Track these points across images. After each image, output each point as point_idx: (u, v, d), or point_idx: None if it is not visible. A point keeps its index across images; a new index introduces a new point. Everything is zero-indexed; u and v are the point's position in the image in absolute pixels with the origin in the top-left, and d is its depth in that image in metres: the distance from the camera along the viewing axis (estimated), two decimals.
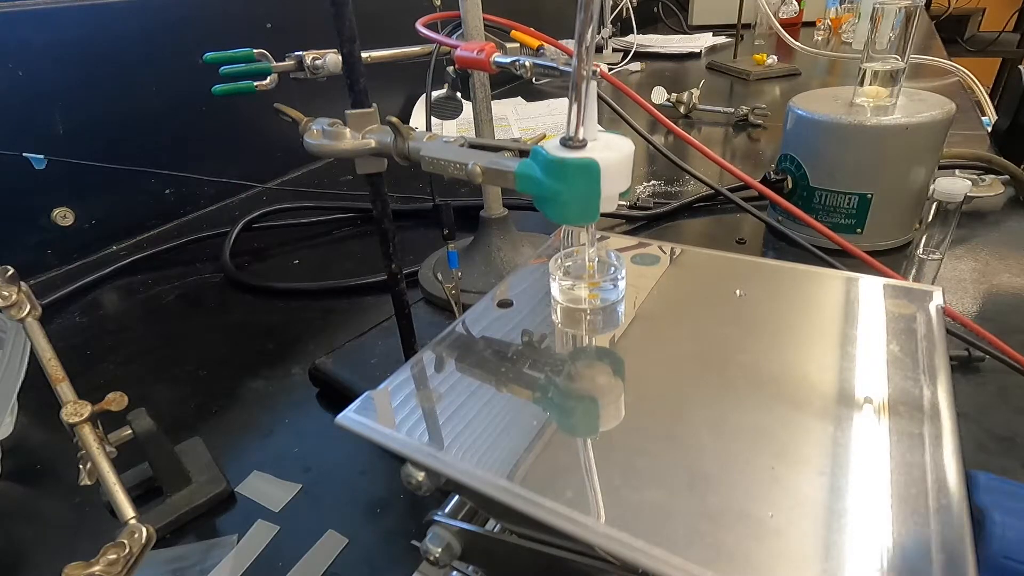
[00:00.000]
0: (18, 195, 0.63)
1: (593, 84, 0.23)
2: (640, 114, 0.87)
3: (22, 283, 0.34)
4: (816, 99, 0.57)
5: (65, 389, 0.32)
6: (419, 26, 0.38)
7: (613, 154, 0.23)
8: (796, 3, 1.63)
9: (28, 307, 0.34)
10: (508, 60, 0.27)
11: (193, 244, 0.70)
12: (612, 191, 0.24)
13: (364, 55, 0.33)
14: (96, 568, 0.24)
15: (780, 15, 1.51)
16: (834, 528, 0.17)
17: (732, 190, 0.67)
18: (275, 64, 0.40)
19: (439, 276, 0.39)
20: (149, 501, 0.36)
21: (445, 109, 0.49)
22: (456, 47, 0.31)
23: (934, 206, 0.41)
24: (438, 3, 0.43)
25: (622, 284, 0.29)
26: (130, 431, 0.34)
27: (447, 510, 0.25)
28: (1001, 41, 2.47)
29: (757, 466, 0.19)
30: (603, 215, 0.25)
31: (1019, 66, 0.79)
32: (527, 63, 0.26)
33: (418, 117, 1.06)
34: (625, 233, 0.65)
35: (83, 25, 0.65)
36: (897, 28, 0.51)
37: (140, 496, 0.36)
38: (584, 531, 0.17)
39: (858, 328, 0.26)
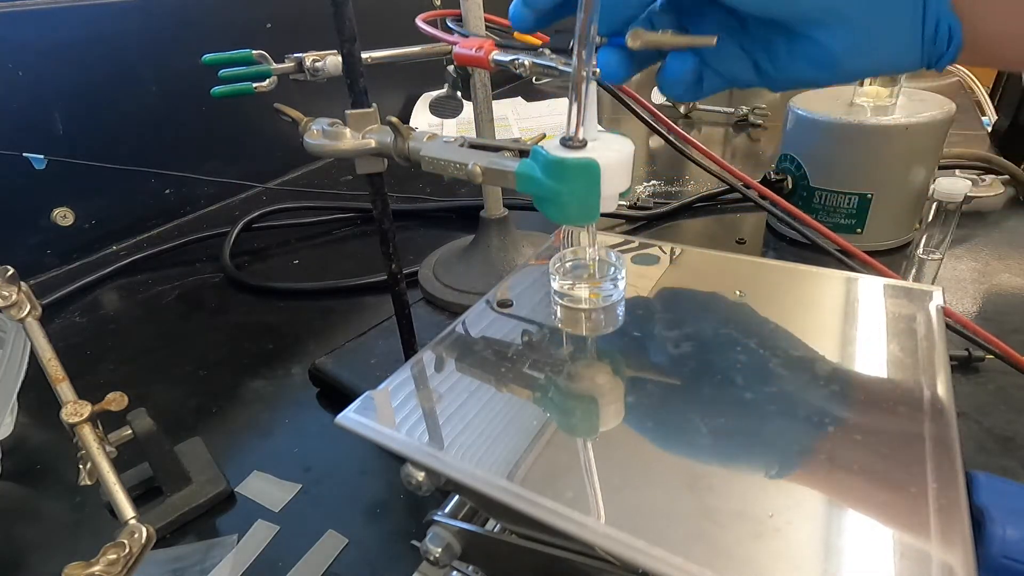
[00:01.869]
0: (18, 195, 0.63)
1: (593, 84, 0.23)
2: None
3: (22, 283, 0.34)
4: (816, 99, 0.57)
5: (65, 389, 0.32)
6: (419, 21, 0.38)
7: (613, 154, 0.23)
8: None
9: (28, 307, 0.34)
10: (508, 58, 0.27)
11: (193, 244, 0.70)
12: (612, 191, 0.24)
13: (364, 55, 0.33)
14: (96, 568, 0.24)
15: None
16: (834, 528, 0.17)
17: (733, 190, 0.67)
18: (275, 66, 0.40)
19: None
20: (149, 501, 0.36)
21: (445, 108, 0.49)
22: (455, 43, 0.31)
23: (934, 206, 0.41)
24: (438, 3, 0.43)
25: (622, 284, 0.29)
26: (130, 431, 0.34)
27: (447, 510, 0.25)
28: None
29: (757, 466, 0.19)
30: (603, 215, 0.25)
31: None
32: (527, 61, 0.26)
33: (418, 117, 1.06)
34: (625, 233, 0.65)
35: (83, 25, 0.65)
36: None
37: (140, 496, 0.36)
38: (584, 531, 0.17)
39: (858, 328, 0.26)
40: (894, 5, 0.22)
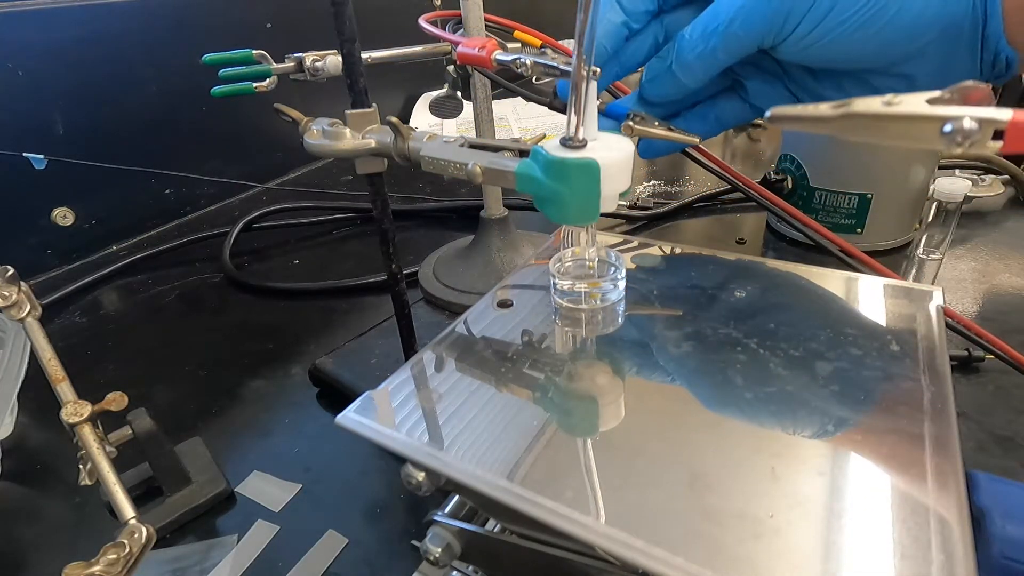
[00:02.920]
0: (18, 195, 0.63)
1: (593, 84, 0.23)
2: None
3: (22, 283, 0.34)
4: None
5: (65, 389, 0.32)
6: (422, 21, 0.38)
7: (613, 154, 0.23)
8: None
9: (28, 307, 0.34)
10: (510, 58, 0.27)
11: (193, 244, 0.70)
12: (612, 191, 0.24)
13: (364, 55, 0.33)
14: (96, 568, 0.24)
15: None
16: (834, 528, 0.17)
17: (734, 190, 0.67)
18: (275, 66, 0.40)
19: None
20: (149, 501, 0.36)
21: (445, 108, 0.49)
22: (458, 43, 0.31)
23: (934, 206, 0.41)
24: (438, 3, 0.43)
25: (622, 284, 0.29)
26: (130, 431, 0.34)
27: (447, 510, 0.25)
28: None
29: (757, 466, 0.19)
30: (603, 215, 0.25)
31: None
32: (528, 61, 0.26)
33: (418, 117, 1.06)
34: (625, 233, 0.65)
35: (83, 25, 0.65)
36: None
37: (140, 496, 0.36)
38: (584, 531, 0.17)
39: (858, 328, 0.26)
40: (958, 44, 0.25)
